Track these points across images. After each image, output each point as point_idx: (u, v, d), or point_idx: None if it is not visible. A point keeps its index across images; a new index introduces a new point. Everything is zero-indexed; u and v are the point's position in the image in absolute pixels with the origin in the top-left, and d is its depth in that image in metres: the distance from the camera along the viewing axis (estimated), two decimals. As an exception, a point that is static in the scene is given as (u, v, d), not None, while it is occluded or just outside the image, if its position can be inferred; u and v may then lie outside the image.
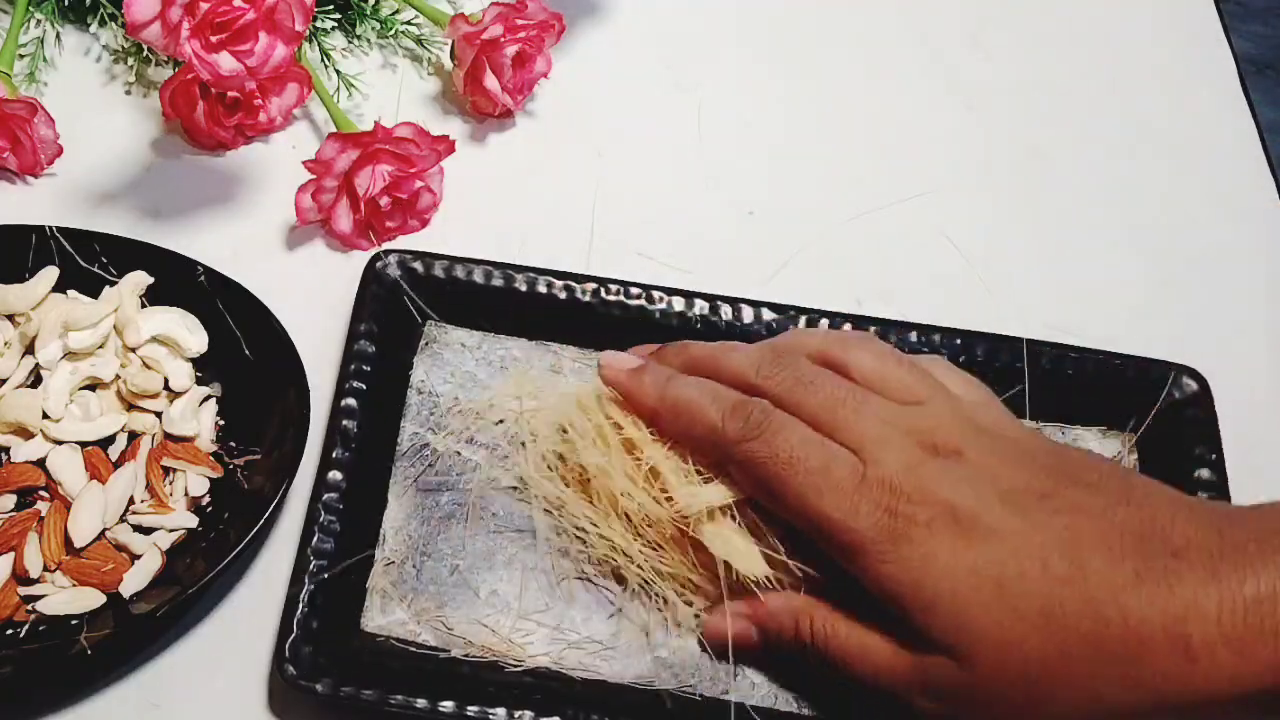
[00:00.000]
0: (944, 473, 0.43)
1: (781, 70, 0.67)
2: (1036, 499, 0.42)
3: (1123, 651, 0.39)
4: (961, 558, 0.41)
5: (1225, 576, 0.39)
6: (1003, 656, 0.40)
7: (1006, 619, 0.40)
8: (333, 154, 0.55)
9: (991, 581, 0.40)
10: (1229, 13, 0.73)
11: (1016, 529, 0.41)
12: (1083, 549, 0.40)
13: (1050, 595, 0.40)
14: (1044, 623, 0.40)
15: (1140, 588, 0.39)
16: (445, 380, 0.53)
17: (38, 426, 0.49)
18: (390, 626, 0.47)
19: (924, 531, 0.42)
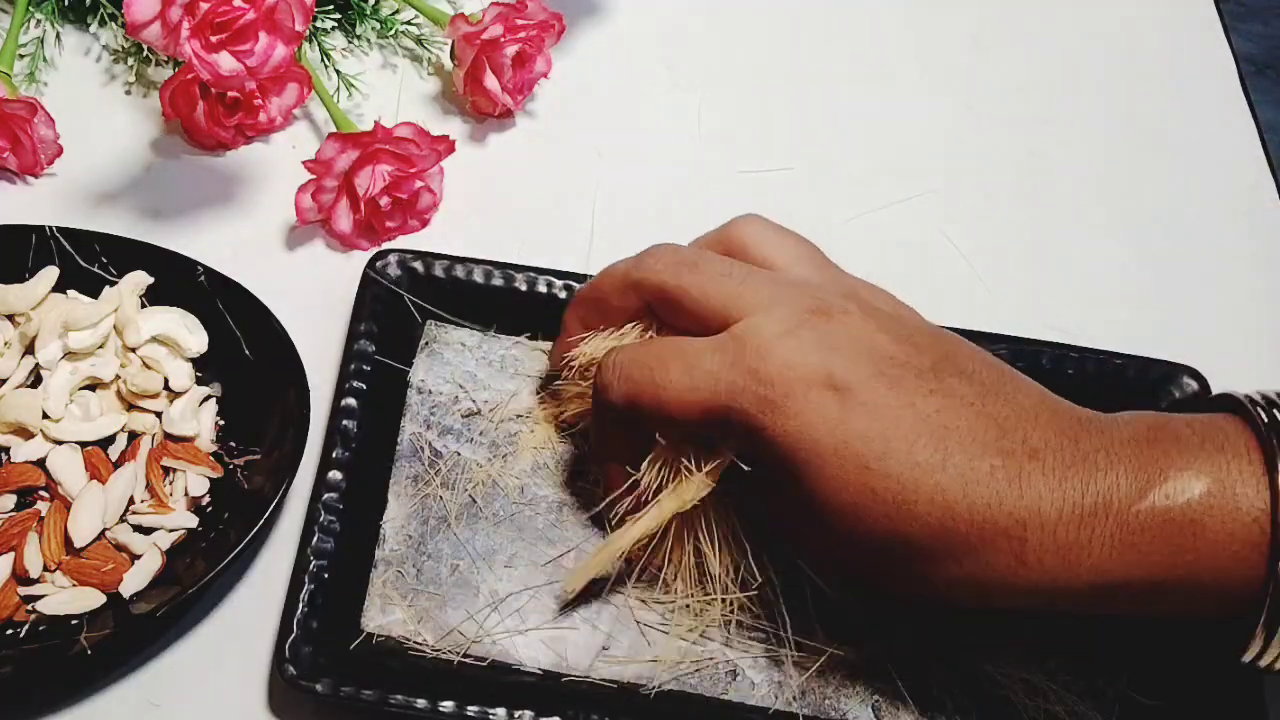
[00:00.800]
0: (823, 337, 0.42)
1: (781, 70, 0.67)
2: (914, 375, 0.42)
3: (961, 545, 0.41)
4: (833, 430, 0.41)
5: (1070, 484, 0.40)
6: (854, 528, 0.41)
7: (864, 498, 0.41)
8: (333, 154, 0.55)
9: (857, 459, 0.41)
10: (1229, 13, 0.73)
11: (889, 404, 0.41)
12: (948, 437, 0.41)
13: (907, 480, 0.40)
14: (895, 508, 0.41)
15: (992, 484, 0.40)
16: (445, 380, 0.53)
17: (38, 426, 0.49)
18: (390, 626, 0.47)
19: (800, 402, 0.41)
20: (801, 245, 0.48)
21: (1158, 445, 0.41)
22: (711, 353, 0.43)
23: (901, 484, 0.41)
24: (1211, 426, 0.42)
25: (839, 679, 0.48)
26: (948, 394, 0.42)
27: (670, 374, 0.43)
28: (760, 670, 0.48)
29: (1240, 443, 0.41)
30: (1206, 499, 0.40)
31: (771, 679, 0.47)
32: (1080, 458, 0.41)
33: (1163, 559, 0.40)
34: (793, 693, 0.47)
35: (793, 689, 0.47)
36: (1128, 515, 0.40)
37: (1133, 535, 0.40)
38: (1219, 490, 0.40)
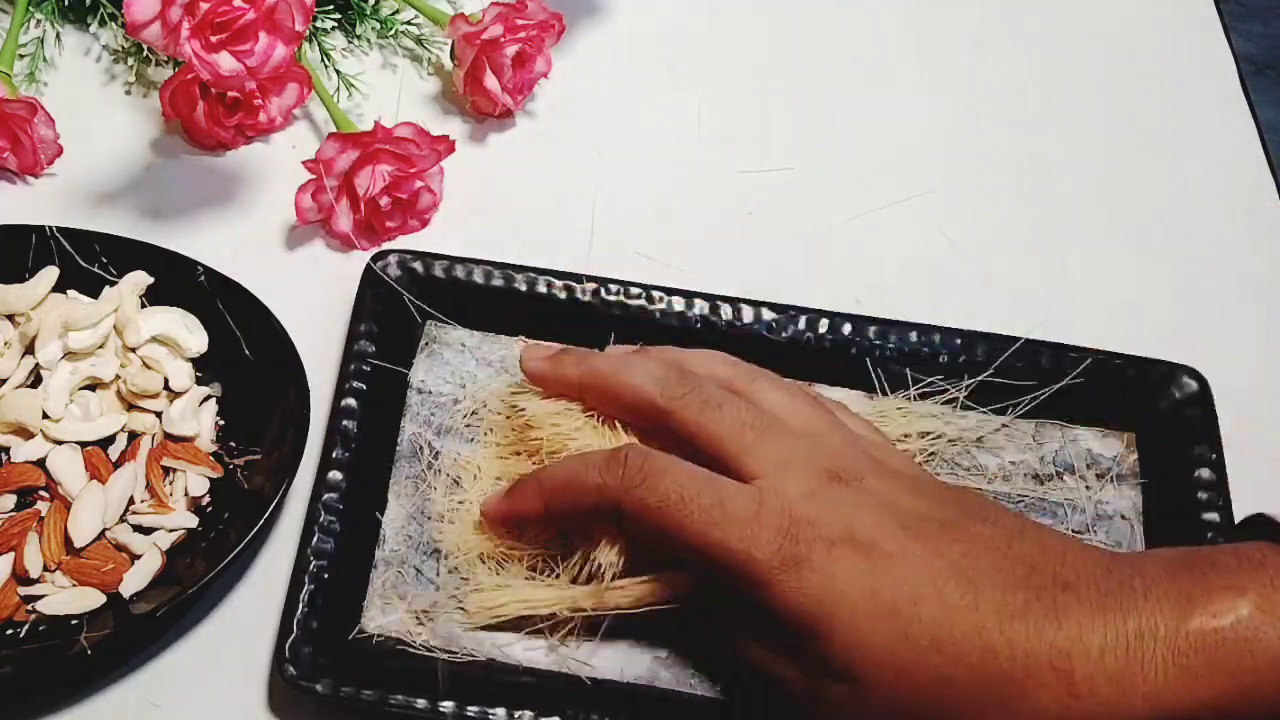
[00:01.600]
0: (844, 498, 0.43)
1: (781, 70, 0.67)
2: (937, 527, 0.42)
3: (1007, 683, 0.39)
4: (860, 581, 0.41)
5: (1110, 611, 0.40)
6: (893, 682, 0.40)
7: (899, 645, 0.40)
8: (333, 154, 0.55)
9: (887, 606, 0.40)
10: (1229, 13, 0.73)
11: (915, 554, 0.41)
12: (978, 578, 0.40)
13: (943, 623, 0.40)
14: (934, 651, 0.40)
15: (1028, 618, 0.40)
16: (445, 380, 0.53)
17: (38, 426, 0.49)
18: (390, 626, 0.47)
19: (823, 556, 0.41)
20: (810, 407, 0.47)
21: (1195, 570, 0.40)
22: (741, 498, 0.43)
23: (938, 626, 0.40)
24: (1247, 550, 0.41)
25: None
26: (972, 540, 0.42)
27: (699, 504, 0.43)
28: (760, 670, 0.48)
29: (1272, 556, 0.40)
30: (1255, 616, 0.39)
31: (771, 679, 0.47)
32: (1116, 585, 0.40)
33: (1221, 680, 0.39)
34: (793, 693, 0.47)
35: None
36: (1177, 638, 0.39)
37: (1185, 658, 0.39)
38: (1266, 606, 0.39)
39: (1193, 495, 0.51)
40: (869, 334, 0.54)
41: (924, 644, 0.40)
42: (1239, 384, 0.56)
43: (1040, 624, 0.39)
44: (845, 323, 0.54)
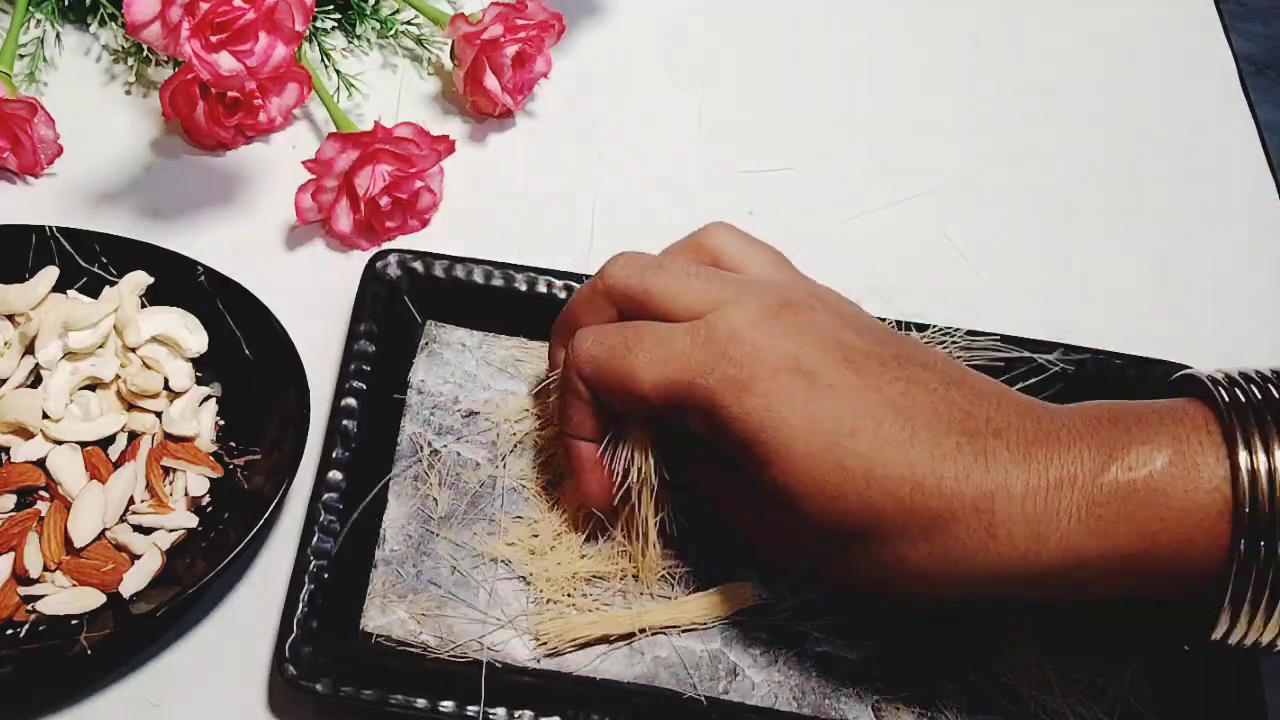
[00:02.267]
0: (791, 327, 0.43)
1: (781, 70, 0.67)
2: (878, 364, 0.43)
3: (933, 519, 0.41)
4: (800, 409, 0.42)
5: (1035, 459, 0.41)
6: (825, 509, 0.42)
7: (834, 474, 0.41)
8: (333, 154, 0.55)
9: (826, 435, 0.41)
10: (1229, 13, 0.73)
11: (855, 386, 0.42)
12: (915, 417, 0.42)
13: (877, 457, 0.41)
14: (866, 483, 0.41)
15: (959, 460, 0.41)
16: (445, 380, 0.53)
17: (38, 426, 0.49)
18: (390, 626, 0.47)
19: (767, 382, 0.42)
20: (769, 252, 0.48)
21: (1119, 424, 0.42)
22: (683, 334, 0.44)
23: (871, 459, 0.41)
24: (1172, 406, 0.42)
25: (839, 679, 0.48)
26: (911, 380, 0.43)
27: (642, 348, 0.44)
28: (760, 670, 0.48)
29: (1199, 418, 0.41)
30: (1168, 469, 0.40)
31: (771, 679, 0.47)
32: (1043, 435, 0.42)
33: (1129, 531, 0.40)
34: (793, 693, 0.47)
35: (793, 689, 0.47)
36: (1092, 488, 0.41)
37: (1098, 507, 0.40)
38: (1180, 462, 0.40)
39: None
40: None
41: (857, 475, 0.41)
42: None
43: (969, 466, 0.41)
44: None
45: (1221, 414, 0.41)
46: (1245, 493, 0.40)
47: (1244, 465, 0.40)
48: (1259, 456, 0.40)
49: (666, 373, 0.43)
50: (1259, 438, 0.40)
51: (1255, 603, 0.40)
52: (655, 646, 0.48)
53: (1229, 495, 0.40)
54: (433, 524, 0.50)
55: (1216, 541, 0.40)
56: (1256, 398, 0.41)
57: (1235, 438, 0.40)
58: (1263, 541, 0.40)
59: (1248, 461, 0.40)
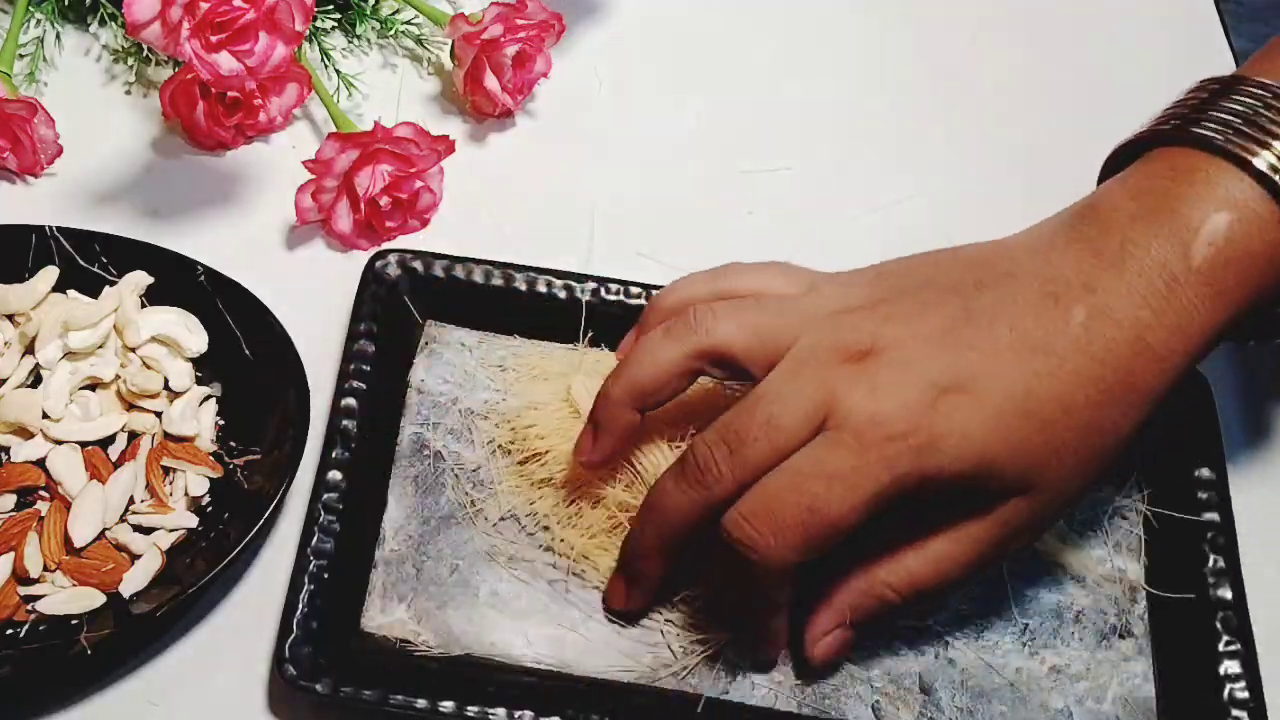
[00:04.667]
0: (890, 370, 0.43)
1: (781, 70, 0.67)
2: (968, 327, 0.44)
3: (1121, 391, 0.43)
4: (978, 416, 0.43)
5: (1137, 288, 0.43)
6: (1059, 466, 0.44)
7: (1045, 435, 0.43)
8: (333, 154, 0.55)
9: (1014, 416, 0.43)
10: (1229, 12, 0.72)
11: (984, 364, 0.43)
12: (1035, 338, 0.43)
13: (1055, 393, 0.43)
14: (1066, 415, 0.43)
15: (1093, 336, 0.43)
16: (445, 380, 0.53)
17: (38, 426, 0.49)
18: (390, 626, 0.47)
19: (942, 421, 0.43)
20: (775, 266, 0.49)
21: (1161, 213, 0.44)
22: (833, 452, 0.43)
23: (1054, 399, 0.43)
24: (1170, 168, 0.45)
25: (839, 679, 0.48)
26: (997, 315, 0.44)
27: (821, 496, 0.42)
28: (760, 670, 0.48)
29: (1198, 163, 0.44)
30: (1237, 227, 0.43)
31: (772, 679, 0.47)
32: (1118, 262, 0.44)
33: (1243, 289, 0.44)
34: (793, 692, 0.47)
35: (793, 689, 0.47)
36: (1194, 275, 0.43)
37: (1210, 286, 0.43)
38: (1235, 213, 0.43)
39: (1193, 495, 0.51)
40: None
41: (1058, 418, 0.43)
42: (1239, 384, 0.56)
43: (1104, 331, 0.43)
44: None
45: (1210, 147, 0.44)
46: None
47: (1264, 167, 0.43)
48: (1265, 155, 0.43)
49: (866, 493, 0.42)
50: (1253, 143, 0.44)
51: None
52: (655, 646, 0.48)
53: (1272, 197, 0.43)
54: (433, 524, 0.50)
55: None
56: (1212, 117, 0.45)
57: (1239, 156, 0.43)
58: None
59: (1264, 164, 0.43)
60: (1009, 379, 0.43)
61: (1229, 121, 0.44)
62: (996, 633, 0.49)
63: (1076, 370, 0.43)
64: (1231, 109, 0.45)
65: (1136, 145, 0.47)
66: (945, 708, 0.47)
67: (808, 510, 0.42)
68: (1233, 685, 0.47)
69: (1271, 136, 0.44)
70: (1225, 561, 0.50)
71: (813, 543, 0.42)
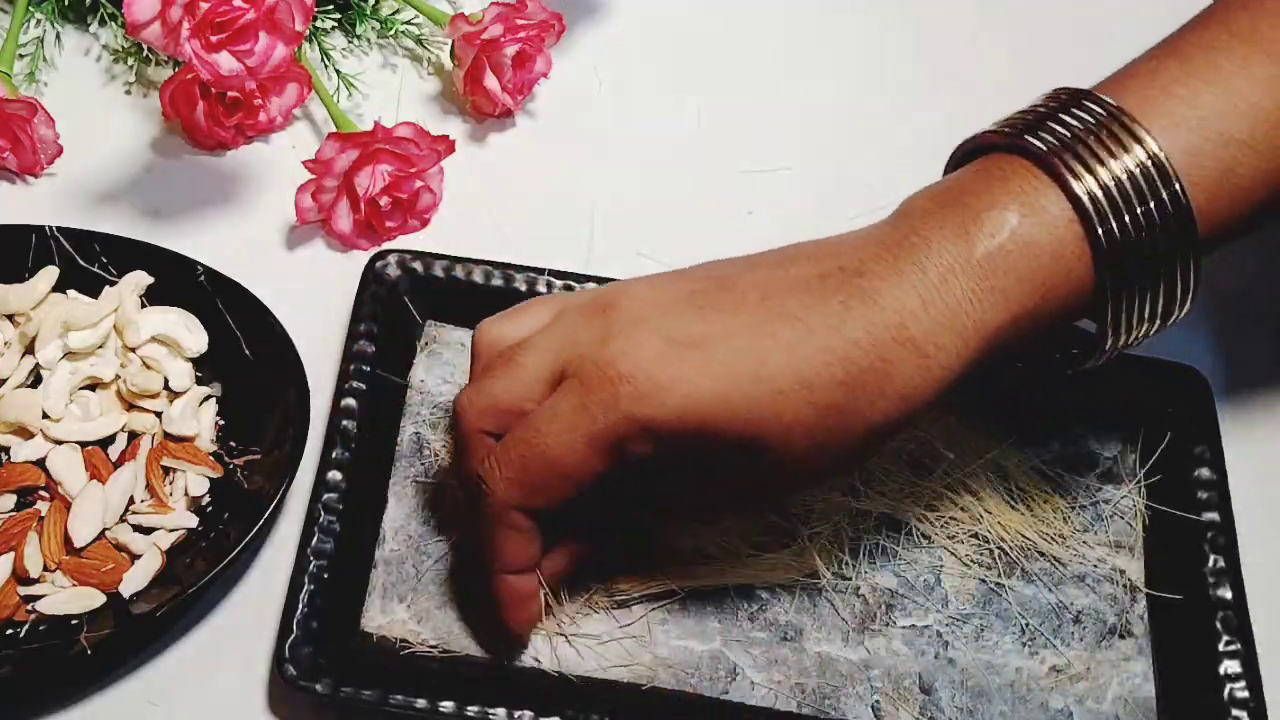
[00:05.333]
0: (628, 319, 0.43)
1: (781, 70, 0.67)
2: (719, 290, 0.43)
3: (873, 374, 0.41)
4: (708, 371, 0.41)
5: (908, 273, 0.42)
6: (790, 441, 0.42)
7: (777, 406, 0.41)
8: (333, 154, 0.55)
9: (745, 379, 0.41)
10: (1229, 13, 0.72)
11: (724, 324, 0.42)
12: (792, 310, 0.42)
13: (795, 364, 0.41)
14: (806, 390, 0.41)
15: (851, 314, 0.42)
16: (445, 380, 0.53)
17: (38, 426, 0.49)
18: (390, 626, 0.47)
19: (664, 372, 0.42)
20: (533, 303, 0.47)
21: (954, 205, 0.43)
22: (561, 399, 0.43)
23: (793, 368, 0.41)
24: (980, 169, 0.44)
25: (839, 679, 0.48)
26: (757, 286, 0.43)
27: (544, 440, 0.43)
28: (760, 670, 0.48)
29: (1010, 168, 0.43)
30: (1025, 222, 0.42)
31: (771, 679, 0.47)
32: (897, 250, 0.42)
33: (1023, 288, 0.42)
34: (793, 692, 0.47)
35: (793, 689, 0.47)
36: (972, 267, 0.42)
37: (987, 281, 0.42)
38: (1029, 212, 0.42)
39: (1193, 495, 0.51)
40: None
41: (794, 390, 0.41)
42: (1239, 384, 0.56)
43: (865, 314, 0.41)
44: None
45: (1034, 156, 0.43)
46: (1092, 215, 0.41)
47: (1081, 193, 0.41)
48: (1086, 180, 0.42)
49: (581, 434, 0.42)
50: (1078, 164, 0.42)
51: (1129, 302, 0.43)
52: (656, 646, 0.48)
53: (1079, 222, 0.42)
54: (432, 524, 0.50)
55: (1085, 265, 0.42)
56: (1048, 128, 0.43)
57: (1059, 172, 0.42)
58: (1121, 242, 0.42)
59: (1081, 188, 0.42)
60: (746, 341, 0.42)
61: (1061, 136, 0.43)
62: (996, 633, 0.49)
63: (826, 347, 0.41)
64: (1069, 124, 0.43)
65: (970, 149, 0.46)
66: (945, 708, 0.47)
67: (527, 446, 0.43)
68: (1233, 685, 0.47)
69: (1097, 161, 0.42)
70: (1225, 561, 0.50)
71: (533, 480, 0.43)
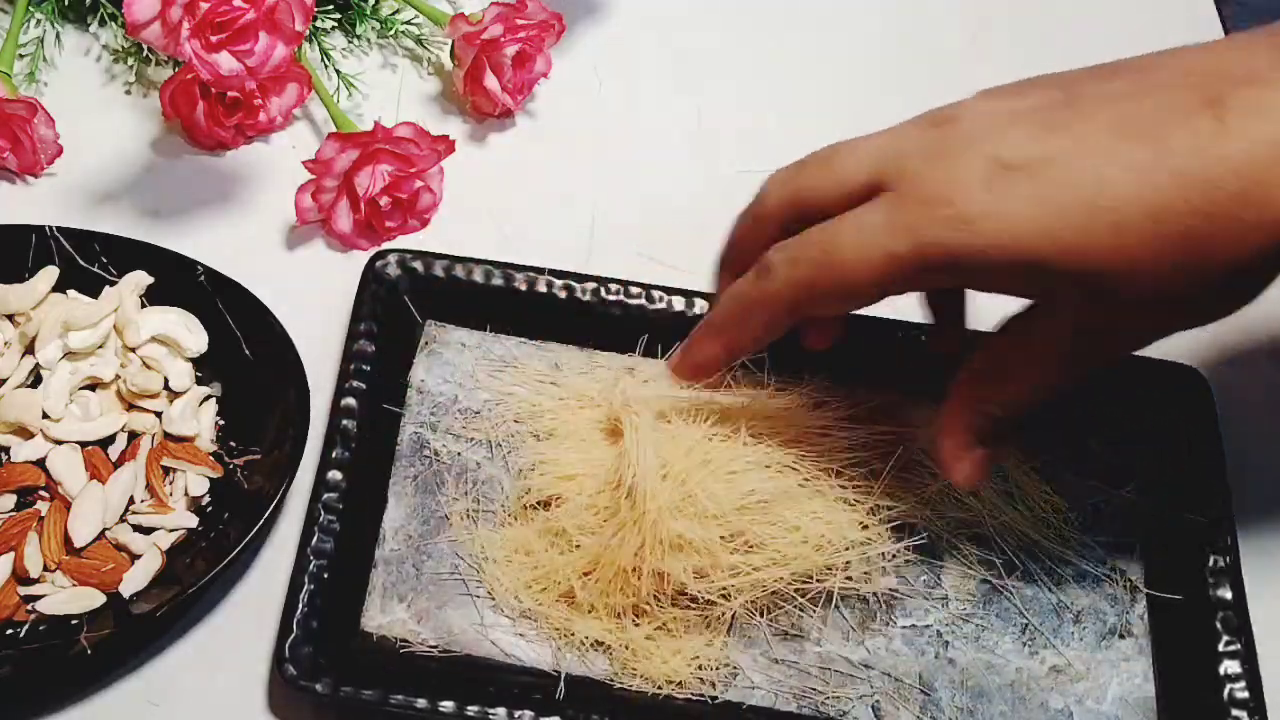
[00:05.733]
0: (959, 137, 0.39)
1: (781, 70, 0.67)
2: (1063, 108, 0.39)
3: (1246, 206, 0.36)
4: (1028, 205, 0.37)
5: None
6: (1135, 280, 0.37)
7: (1118, 239, 0.37)
8: (333, 154, 0.55)
9: (1077, 209, 0.37)
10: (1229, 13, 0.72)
11: (1064, 145, 0.38)
12: (1146, 126, 0.37)
13: (1142, 190, 0.36)
14: (1153, 221, 0.36)
15: (1227, 132, 0.36)
16: (445, 380, 0.53)
17: (38, 426, 0.49)
18: (390, 626, 0.47)
19: (987, 198, 0.38)
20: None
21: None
22: (871, 209, 0.40)
23: (1139, 196, 0.36)
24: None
25: (839, 679, 0.48)
26: (1107, 99, 0.38)
27: (842, 245, 0.40)
28: (760, 670, 0.48)
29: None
30: None
31: (771, 679, 0.47)
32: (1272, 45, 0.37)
33: None
34: (793, 693, 0.47)
35: (793, 689, 0.47)
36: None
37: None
38: None
39: (1193, 495, 0.51)
40: (868, 334, 0.54)
41: (1139, 222, 0.36)
42: (1239, 384, 0.56)
43: (1246, 128, 0.36)
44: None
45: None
46: None
47: None
48: None
49: (882, 251, 0.39)
50: None
51: None
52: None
53: None
54: (432, 524, 0.50)
55: None
56: None
57: None
58: None
59: None
60: (1086, 163, 0.37)
61: None
62: (996, 633, 0.49)
63: (1183, 170, 0.36)
64: None
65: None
66: (945, 708, 0.47)
67: (822, 251, 0.41)
68: (1233, 685, 0.47)
69: None
70: (1225, 561, 0.50)
71: (817, 286, 0.41)
